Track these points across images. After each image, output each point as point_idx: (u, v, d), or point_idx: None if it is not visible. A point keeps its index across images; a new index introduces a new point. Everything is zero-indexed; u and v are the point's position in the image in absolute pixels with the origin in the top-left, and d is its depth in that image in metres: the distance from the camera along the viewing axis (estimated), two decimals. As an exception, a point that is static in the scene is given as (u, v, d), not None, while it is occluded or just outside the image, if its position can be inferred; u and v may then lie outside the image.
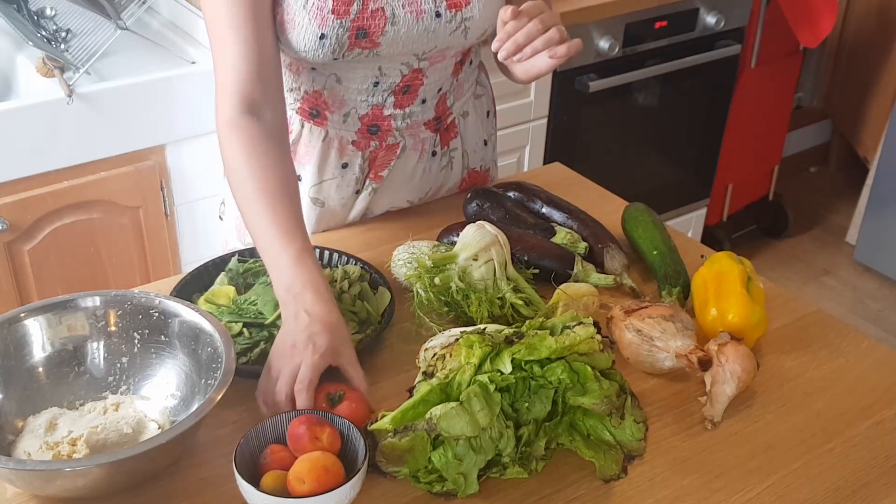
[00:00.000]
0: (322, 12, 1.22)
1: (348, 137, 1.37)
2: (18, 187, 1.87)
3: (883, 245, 3.26)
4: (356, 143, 1.38)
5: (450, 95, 1.42)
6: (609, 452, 1.02)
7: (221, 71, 1.22)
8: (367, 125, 1.36)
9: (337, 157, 1.39)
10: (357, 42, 1.25)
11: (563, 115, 2.57)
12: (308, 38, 1.23)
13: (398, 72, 1.32)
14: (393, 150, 1.40)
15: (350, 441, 0.98)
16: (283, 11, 1.23)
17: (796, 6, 2.77)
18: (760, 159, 3.26)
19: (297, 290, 1.08)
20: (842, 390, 1.15)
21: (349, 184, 1.41)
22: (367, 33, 1.24)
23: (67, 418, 1.04)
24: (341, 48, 1.24)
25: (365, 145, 1.38)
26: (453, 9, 1.27)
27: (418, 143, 1.41)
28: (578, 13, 2.41)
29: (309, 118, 1.37)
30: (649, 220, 1.38)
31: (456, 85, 1.41)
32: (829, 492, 1.01)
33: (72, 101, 1.84)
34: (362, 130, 1.37)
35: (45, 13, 2.09)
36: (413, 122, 1.39)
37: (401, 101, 1.36)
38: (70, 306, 1.10)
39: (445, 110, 1.43)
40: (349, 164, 1.39)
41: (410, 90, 1.35)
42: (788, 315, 1.28)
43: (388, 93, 1.34)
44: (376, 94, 1.34)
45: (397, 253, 1.29)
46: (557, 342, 0.98)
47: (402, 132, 1.39)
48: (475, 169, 1.54)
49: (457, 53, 1.36)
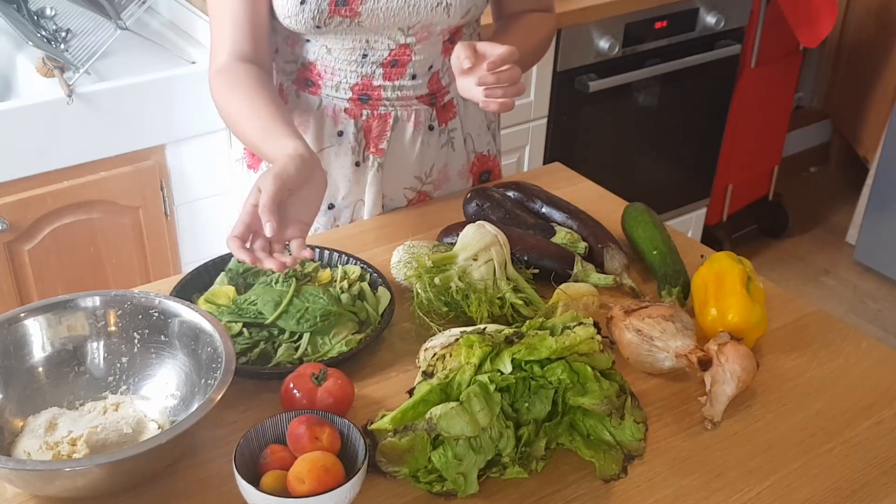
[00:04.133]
0: None
1: (340, 105, 1.41)
2: (18, 187, 1.87)
3: (883, 245, 3.26)
4: (348, 110, 1.42)
5: (443, 75, 1.44)
6: (609, 452, 1.02)
7: (215, 43, 1.33)
8: (357, 94, 1.40)
9: (332, 124, 1.43)
10: (337, 9, 1.29)
11: (563, 115, 2.57)
12: (290, 3, 1.28)
13: (385, 45, 1.36)
14: (385, 120, 1.42)
15: (350, 441, 0.98)
16: None
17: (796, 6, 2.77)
18: (760, 159, 3.26)
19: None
20: (842, 390, 1.15)
21: (346, 152, 1.44)
22: (347, 1, 1.28)
23: (67, 418, 1.04)
24: (321, 14, 1.29)
25: (357, 113, 1.42)
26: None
27: (412, 115, 1.44)
28: (578, 13, 2.41)
29: (304, 87, 1.42)
30: (649, 220, 1.38)
31: (448, 65, 1.43)
32: (829, 492, 1.01)
33: (72, 101, 1.84)
34: (353, 99, 1.41)
35: (45, 13, 2.09)
36: (404, 94, 1.42)
37: (389, 74, 1.39)
38: (70, 306, 1.10)
39: (440, 88, 1.45)
40: (344, 132, 1.43)
41: (398, 64, 1.38)
42: (788, 315, 1.28)
43: (377, 65, 1.38)
44: (365, 66, 1.38)
45: (397, 253, 1.29)
46: (557, 342, 0.98)
47: (392, 103, 1.42)
48: (483, 153, 1.57)
49: (444, 32, 1.38)
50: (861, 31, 3.52)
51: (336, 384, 1.05)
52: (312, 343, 1.14)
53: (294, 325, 1.15)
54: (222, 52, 1.33)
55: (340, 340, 1.15)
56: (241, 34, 1.32)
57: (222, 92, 1.31)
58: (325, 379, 1.04)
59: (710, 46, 2.77)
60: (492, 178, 1.61)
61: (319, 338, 1.15)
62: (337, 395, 1.04)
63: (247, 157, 1.51)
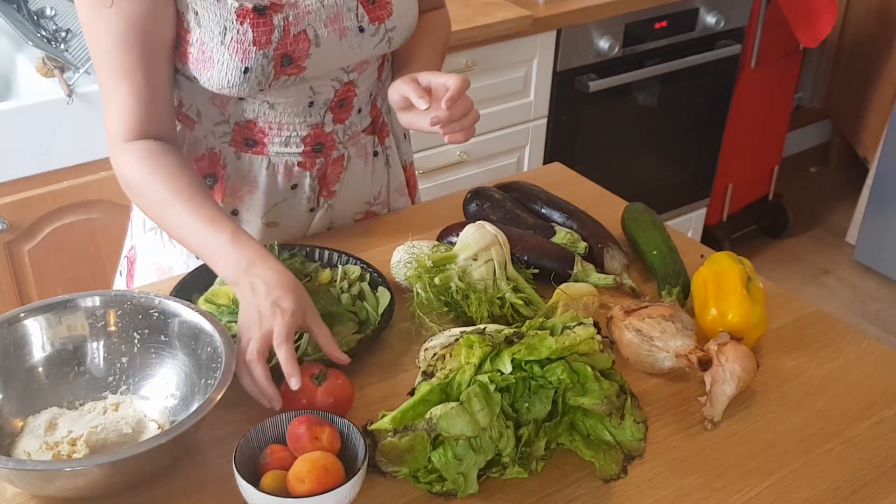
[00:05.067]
0: (243, 45, 1.17)
1: (292, 160, 1.32)
2: (18, 187, 1.87)
3: (883, 245, 3.26)
4: (302, 164, 1.33)
5: (378, 97, 1.39)
6: (609, 452, 1.02)
7: (110, 112, 1.20)
8: (310, 145, 1.32)
9: (285, 180, 1.34)
10: (283, 70, 1.20)
11: (562, 115, 2.57)
12: (231, 73, 1.18)
13: (330, 88, 1.29)
14: (339, 163, 1.36)
15: (350, 441, 0.98)
16: (197, 51, 1.18)
17: (796, 6, 2.78)
18: (760, 159, 3.26)
19: (244, 265, 1.08)
20: (842, 390, 1.15)
21: (301, 203, 1.37)
22: (293, 59, 1.20)
23: (67, 418, 1.04)
24: (267, 79, 1.20)
25: (311, 165, 1.34)
26: (376, 22, 1.26)
27: (361, 150, 1.38)
28: (578, 13, 2.41)
29: (245, 149, 1.31)
30: (649, 220, 1.38)
31: (381, 85, 1.38)
32: (829, 492, 1.01)
33: (72, 100, 1.84)
34: (306, 151, 1.32)
35: (45, 13, 2.09)
36: (353, 131, 1.36)
37: (339, 116, 1.32)
38: (70, 306, 1.09)
39: (378, 113, 1.40)
40: (298, 185, 1.35)
41: (345, 103, 1.32)
42: (788, 315, 1.28)
43: (325, 109, 1.30)
44: (313, 114, 1.29)
45: (397, 253, 1.29)
46: (557, 342, 0.98)
47: (344, 144, 1.36)
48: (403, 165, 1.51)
49: (379, 58, 1.34)
50: (861, 31, 3.52)
51: (336, 384, 1.05)
52: (312, 343, 1.14)
53: (294, 325, 1.15)
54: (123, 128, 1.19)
55: (340, 340, 1.15)
56: (143, 105, 1.18)
57: (139, 174, 1.18)
58: (325, 379, 1.04)
59: (710, 46, 2.77)
60: (409, 188, 1.54)
61: (319, 338, 1.15)
62: (337, 394, 1.04)
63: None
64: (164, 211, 1.17)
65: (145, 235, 1.40)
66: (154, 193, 1.17)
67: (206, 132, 1.31)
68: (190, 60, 1.19)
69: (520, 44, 2.37)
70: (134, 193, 1.21)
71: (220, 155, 1.32)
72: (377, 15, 1.26)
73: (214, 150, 1.32)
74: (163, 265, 1.39)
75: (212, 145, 1.31)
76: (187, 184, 1.16)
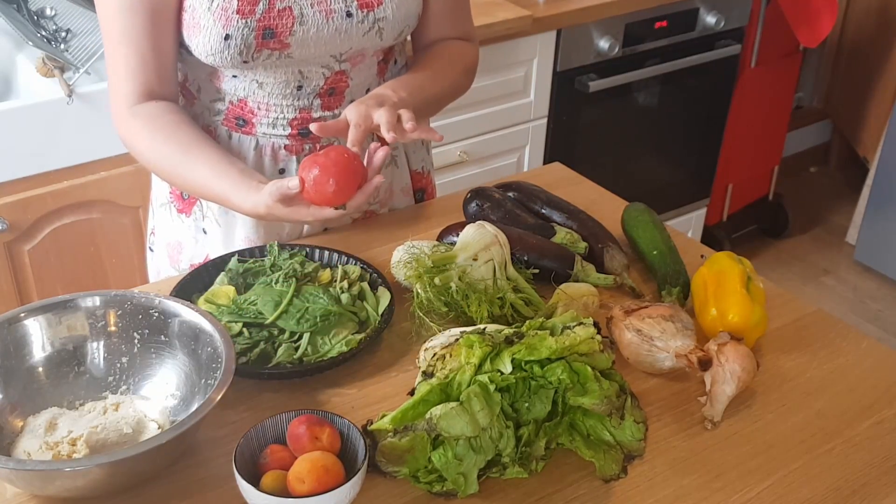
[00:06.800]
0: (227, 13, 1.20)
1: (279, 143, 1.34)
2: (18, 187, 1.87)
3: (883, 245, 3.26)
4: (288, 147, 1.34)
5: None
6: (609, 452, 1.02)
7: (116, 79, 1.26)
8: (297, 129, 1.33)
9: (272, 163, 1.35)
10: (264, 42, 1.22)
11: (563, 115, 2.57)
12: (213, 39, 1.21)
13: (320, 74, 1.30)
14: None
15: (350, 441, 0.98)
16: (189, 17, 1.22)
17: (796, 6, 2.78)
18: (760, 159, 3.26)
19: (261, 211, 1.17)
20: (842, 390, 1.15)
21: None
22: (275, 33, 1.22)
23: (67, 418, 1.04)
24: (248, 49, 1.22)
25: (298, 149, 1.35)
26: (365, 9, 1.26)
27: None
28: (578, 13, 2.41)
29: (236, 128, 1.34)
30: (649, 220, 1.38)
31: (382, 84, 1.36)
32: (829, 492, 1.01)
33: (72, 101, 1.84)
34: (293, 135, 1.34)
35: (45, 13, 2.09)
36: None
37: (328, 103, 1.33)
38: (70, 306, 1.09)
39: None
40: (286, 170, 1.36)
41: (336, 92, 1.32)
42: (788, 315, 1.28)
43: (314, 95, 1.31)
44: (301, 98, 1.31)
45: (397, 253, 1.29)
46: (557, 342, 0.98)
47: None
48: (417, 170, 1.52)
49: (377, 53, 1.34)
50: (861, 31, 3.52)
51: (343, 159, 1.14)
52: (312, 343, 1.14)
53: (294, 325, 1.15)
54: (128, 92, 1.25)
55: (340, 340, 1.15)
56: (148, 71, 1.24)
57: (143, 137, 1.24)
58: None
59: (710, 46, 2.77)
60: (426, 196, 1.56)
61: (319, 338, 1.15)
62: None
63: (175, 202, 1.42)
64: (176, 166, 1.24)
65: (159, 210, 1.45)
66: (162, 151, 1.24)
67: (203, 108, 1.35)
68: (184, 27, 1.24)
69: (520, 44, 2.37)
70: (142, 155, 1.27)
71: (214, 133, 1.35)
72: (366, 2, 1.26)
73: (210, 128, 1.35)
74: (172, 241, 1.43)
75: (208, 122, 1.35)
76: (193, 136, 1.23)
